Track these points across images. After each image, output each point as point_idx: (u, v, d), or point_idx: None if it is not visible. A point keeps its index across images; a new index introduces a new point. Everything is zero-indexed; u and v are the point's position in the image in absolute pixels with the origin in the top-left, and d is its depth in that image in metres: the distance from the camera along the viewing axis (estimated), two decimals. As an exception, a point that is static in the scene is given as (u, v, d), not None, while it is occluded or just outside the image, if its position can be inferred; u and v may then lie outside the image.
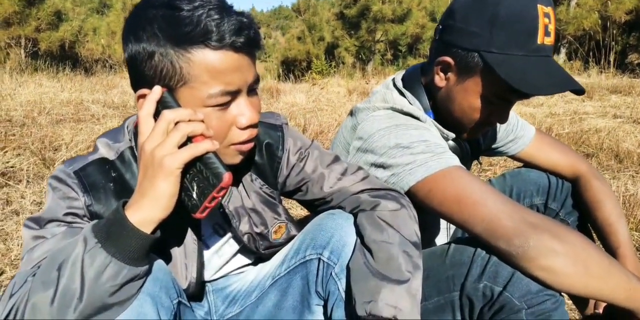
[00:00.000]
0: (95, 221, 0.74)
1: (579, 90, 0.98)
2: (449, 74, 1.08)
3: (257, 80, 0.84)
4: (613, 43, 7.97)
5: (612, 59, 7.66)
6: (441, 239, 1.35)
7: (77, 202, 0.83)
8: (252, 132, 0.85)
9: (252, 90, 0.85)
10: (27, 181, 2.50)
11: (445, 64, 1.07)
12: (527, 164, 1.43)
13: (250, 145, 0.87)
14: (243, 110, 0.82)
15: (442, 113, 1.14)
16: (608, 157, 3.15)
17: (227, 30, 0.75)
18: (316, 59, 12.87)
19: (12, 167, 2.71)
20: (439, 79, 1.10)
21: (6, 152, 2.89)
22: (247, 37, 0.77)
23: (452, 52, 1.05)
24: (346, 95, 6.87)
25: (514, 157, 1.42)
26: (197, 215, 0.76)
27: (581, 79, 6.93)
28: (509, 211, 0.90)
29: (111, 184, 0.87)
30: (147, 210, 0.71)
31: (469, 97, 1.06)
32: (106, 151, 0.89)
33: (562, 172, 1.36)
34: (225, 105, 0.80)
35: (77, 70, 9.17)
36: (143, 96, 0.79)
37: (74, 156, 0.92)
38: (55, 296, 0.67)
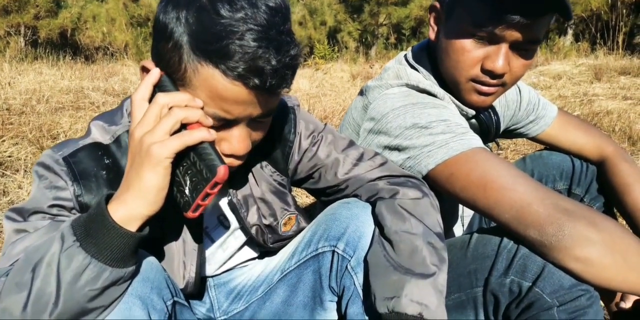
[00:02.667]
0: (76, 216, 0.67)
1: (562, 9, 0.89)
2: (440, 26, 1.04)
3: (267, 114, 0.73)
4: (621, 24, 7.81)
5: (620, 40, 7.50)
6: (457, 228, 1.28)
7: (64, 193, 0.75)
8: (232, 162, 0.75)
9: (257, 121, 0.75)
10: (25, 171, 2.43)
11: (434, 11, 1.04)
12: (550, 146, 1.35)
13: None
14: (231, 140, 0.73)
15: (446, 80, 1.05)
16: (621, 139, 3.08)
17: (247, 64, 0.63)
18: (318, 43, 12.67)
19: (9, 156, 2.63)
20: (432, 32, 1.06)
21: (3, 141, 2.81)
22: (265, 82, 0.65)
23: None
24: (350, 80, 6.75)
25: (535, 139, 1.34)
26: (189, 214, 0.67)
27: (589, 61, 6.80)
28: (540, 196, 0.83)
29: (104, 172, 0.78)
30: (131, 205, 0.63)
31: (456, 39, 0.97)
32: (100, 135, 0.80)
33: (587, 154, 1.28)
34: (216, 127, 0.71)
35: (78, 58, 9.03)
36: (147, 70, 0.71)
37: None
38: (29, 300, 0.61)
